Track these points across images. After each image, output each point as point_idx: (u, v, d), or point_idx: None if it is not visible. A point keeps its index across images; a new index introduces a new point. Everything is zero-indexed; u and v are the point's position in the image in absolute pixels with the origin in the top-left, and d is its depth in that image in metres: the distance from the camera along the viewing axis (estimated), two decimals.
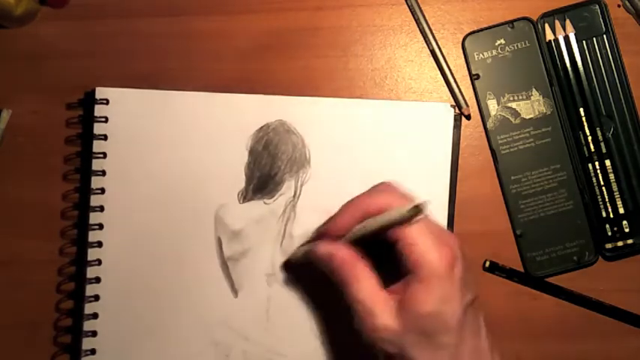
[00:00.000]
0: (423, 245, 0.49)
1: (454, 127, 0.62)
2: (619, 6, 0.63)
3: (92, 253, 0.61)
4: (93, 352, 0.61)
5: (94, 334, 0.61)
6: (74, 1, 0.64)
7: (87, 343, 0.61)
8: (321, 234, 0.55)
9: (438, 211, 0.61)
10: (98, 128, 0.62)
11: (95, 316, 0.61)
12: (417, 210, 0.48)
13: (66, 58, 0.64)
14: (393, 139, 0.62)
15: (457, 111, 0.63)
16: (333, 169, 0.62)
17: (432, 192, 0.62)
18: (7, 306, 0.63)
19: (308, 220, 0.61)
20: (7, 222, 0.63)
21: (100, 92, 0.62)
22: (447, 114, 0.62)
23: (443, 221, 0.62)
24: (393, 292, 0.50)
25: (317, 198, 0.62)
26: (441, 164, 0.62)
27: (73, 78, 0.63)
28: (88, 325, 0.61)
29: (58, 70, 0.64)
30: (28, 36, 0.64)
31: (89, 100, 0.62)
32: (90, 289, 0.61)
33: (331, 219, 0.54)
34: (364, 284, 0.50)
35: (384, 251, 0.50)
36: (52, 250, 0.62)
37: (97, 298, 0.61)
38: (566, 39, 0.63)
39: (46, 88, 0.63)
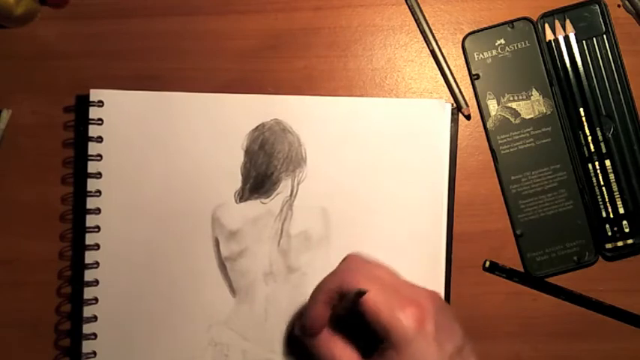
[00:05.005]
0: (386, 310, 0.48)
1: (451, 121, 0.62)
2: (619, 6, 0.63)
3: (89, 256, 0.61)
4: (94, 354, 0.61)
5: (94, 336, 0.61)
6: (74, 1, 0.64)
7: (87, 346, 0.61)
8: (304, 331, 0.54)
9: (437, 211, 0.61)
10: (93, 130, 0.62)
11: (95, 318, 0.61)
12: (361, 294, 0.49)
13: (66, 58, 0.64)
14: (389, 136, 0.62)
15: (454, 105, 0.63)
16: (329, 168, 0.62)
17: (430, 190, 0.62)
18: (8, 306, 0.63)
19: (305, 218, 0.61)
20: (7, 222, 0.63)
21: (95, 94, 0.62)
22: (443, 110, 0.62)
23: (442, 221, 0.61)
24: None
25: (314, 196, 0.61)
26: (439, 160, 0.62)
27: (73, 78, 0.63)
28: (87, 328, 0.61)
29: (58, 70, 0.64)
30: (28, 36, 0.64)
31: (83, 102, 0.62)
32: (88, 292, 0.61)
33: (307, 311, 0.53)
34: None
35: (363, 324, 0.50)
36: (52, 251, 0.62)
37: (96, 300, 0.61)
38: (566, 39, 0.62)
39: (46, 88, 0.63)
